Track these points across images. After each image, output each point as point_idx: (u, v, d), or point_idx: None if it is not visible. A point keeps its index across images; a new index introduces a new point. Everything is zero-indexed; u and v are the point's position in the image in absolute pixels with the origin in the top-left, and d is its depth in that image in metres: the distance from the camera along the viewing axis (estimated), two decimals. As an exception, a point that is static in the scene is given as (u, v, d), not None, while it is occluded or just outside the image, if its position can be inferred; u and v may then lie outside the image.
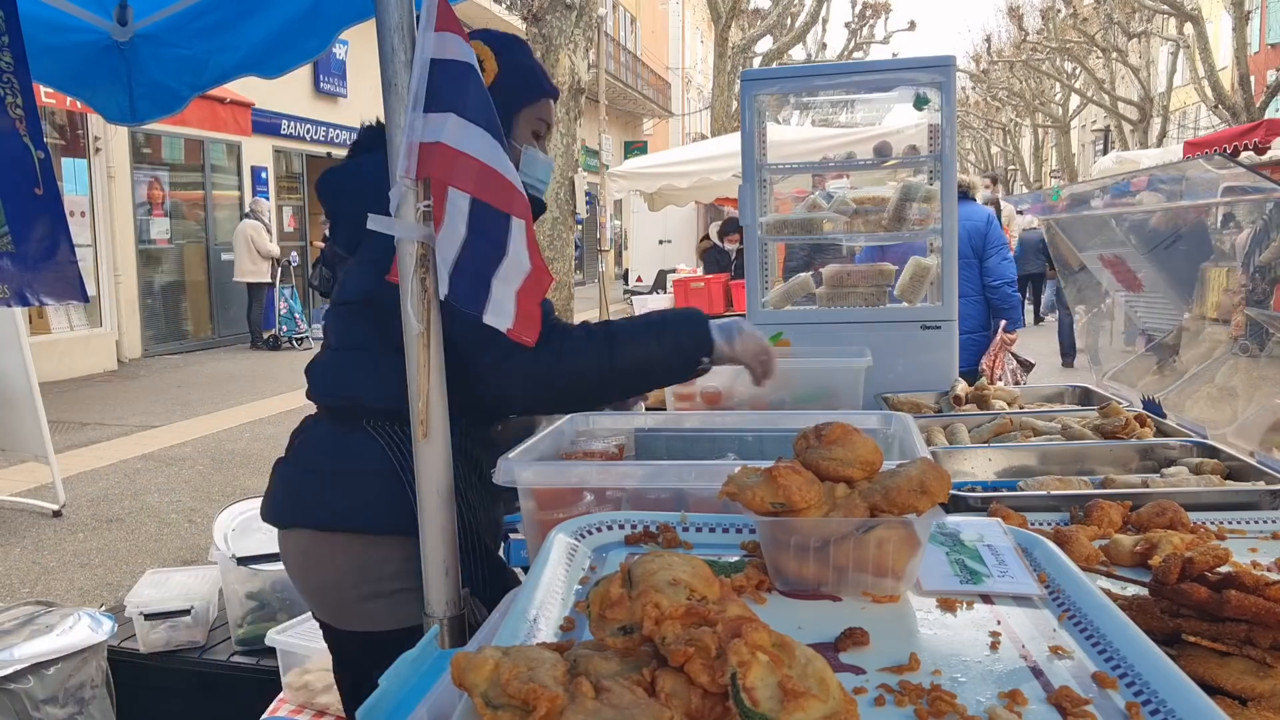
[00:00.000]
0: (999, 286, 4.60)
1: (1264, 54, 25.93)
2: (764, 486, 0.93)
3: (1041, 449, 1.81)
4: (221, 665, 2.41)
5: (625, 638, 0.72)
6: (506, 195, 1.27)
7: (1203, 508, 1.41)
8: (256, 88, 11.62)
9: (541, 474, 1.20)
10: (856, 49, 23.26)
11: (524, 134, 1.75)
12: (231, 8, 2.38)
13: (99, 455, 6.85)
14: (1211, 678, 0.83)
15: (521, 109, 1.72)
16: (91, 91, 2.62)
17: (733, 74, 17.03)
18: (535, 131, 1.77)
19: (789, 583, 0.94)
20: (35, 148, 1.91)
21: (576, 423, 1.52)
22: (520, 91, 1.71)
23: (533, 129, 1.76)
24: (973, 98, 38.28)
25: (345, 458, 1.53)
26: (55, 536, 5.12)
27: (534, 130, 1.77)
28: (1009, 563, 0.97)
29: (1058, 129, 31.14)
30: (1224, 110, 17.46)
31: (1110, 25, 24.51)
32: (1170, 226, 2.42)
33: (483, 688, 0.67)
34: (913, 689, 0.72)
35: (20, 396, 5.25)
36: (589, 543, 1.06)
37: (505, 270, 1.29)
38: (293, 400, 9.02)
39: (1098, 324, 3.04)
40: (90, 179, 10.85)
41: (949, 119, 2.87)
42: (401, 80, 1.30)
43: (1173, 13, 19.14)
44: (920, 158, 3.18)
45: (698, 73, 37.52)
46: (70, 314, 10.49)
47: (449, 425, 1.37)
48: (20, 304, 2.03)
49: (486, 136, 1.27)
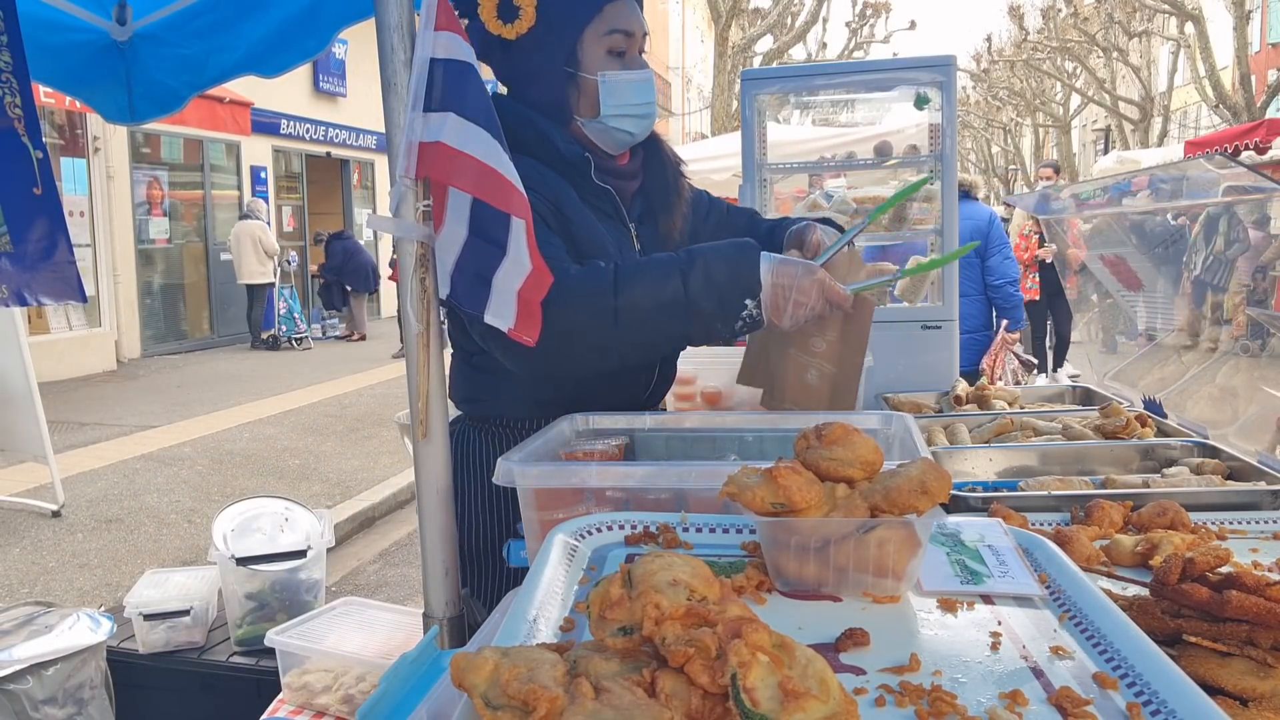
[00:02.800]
0: (1001, 286, 4.60)
1: (1265, 53, 25.93)
2: (764, 487, 0.93)
3: (1042, 449, 1.81)
4: (221, 666, 2.41)
5: (625, 638, 0.72)
6: (506, 195, 1.26)
7: (1204, 508, 1.41)
8: (256, 87, 11.64)
9: (541, 474, 1.20)
10: (857, 48, 23.24)
11: (595, 58, 1.51)
12: (230, 7, 2.38)
13: (98, 455, 6.85)
14: (1212, 678, 0.82)
15: (583, 31, 1.50)
16: (90, 91, 2.62)
17: (733, 73, 17.01)
18: (612, 49, 1.51)
19: (789, 583, 0.94)
20: (34, 147, 1.91)
21: (576, 423, 1.52)
22: (572, 10, 1.49)
23: (606, 47, 1.51)
24: (973, 97, 38.29)
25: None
26: (54, 537, 5.12)
27: (609, 48, 1.51)
28: (1010, 563, 0.97)
29: (1058, 128, 31.15)
30: (1225, 110, 17.47)
31: (1111, 24, 24.52)
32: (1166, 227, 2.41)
33: (482, 688, 0.67)
34: (913, 689, 0.72)
35: (19, 397, 5.25)
36: (589, 543, 1.06)
37: (505, 270, 1.29)
38: (292, 400, 9.02)
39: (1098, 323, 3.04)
40: (89, 179, 10.85)
41: (949, 118, 2.88)
42: (401, 80, 1.30)
43: (1173, 12, 19.14)
44: (920, 157, 3.18)
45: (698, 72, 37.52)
46: (69, 314, 10.49)
47: (448, 425, 1.37)
48: (19, 304, 2.03)
49: (486, 136, 1.27)
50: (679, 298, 1.33)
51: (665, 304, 1.33)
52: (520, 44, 1.52)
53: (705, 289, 1.32)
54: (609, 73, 1.51)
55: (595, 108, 1.54)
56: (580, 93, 1.54)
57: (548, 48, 1.52)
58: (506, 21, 1.50)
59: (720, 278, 1.32)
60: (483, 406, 1.68)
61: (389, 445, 7.08)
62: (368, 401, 9.02)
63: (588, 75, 1.51)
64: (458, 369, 1.70)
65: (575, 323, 1.34)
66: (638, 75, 1.54)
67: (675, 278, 1.33)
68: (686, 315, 1.33)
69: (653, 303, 1.34)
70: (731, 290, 1.33)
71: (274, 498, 2.62)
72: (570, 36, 1.50)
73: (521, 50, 1.54)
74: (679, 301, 1.32)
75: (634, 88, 1.53)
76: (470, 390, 1.69)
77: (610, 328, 1.34)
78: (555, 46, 1.51)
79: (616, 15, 1.50)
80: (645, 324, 1.35)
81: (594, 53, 1.50)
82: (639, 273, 1.36)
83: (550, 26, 1.49)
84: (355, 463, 6.72)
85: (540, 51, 1.53)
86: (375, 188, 17.24)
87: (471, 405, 1.71)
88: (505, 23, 1.50)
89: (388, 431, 7.46)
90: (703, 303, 1.32)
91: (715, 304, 1.33)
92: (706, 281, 1.32)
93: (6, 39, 1.85)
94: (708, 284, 1.32)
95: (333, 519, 2.74)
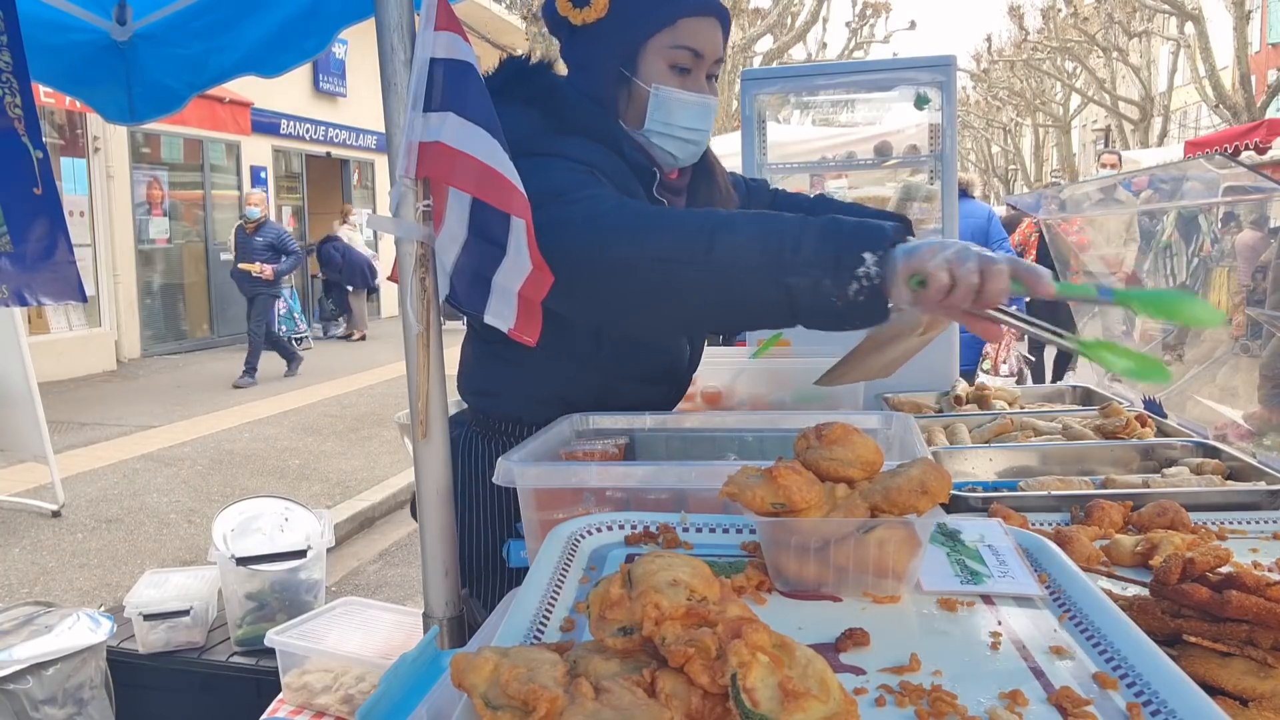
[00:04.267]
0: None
1: (1265, 53, 25.93)
2: (764, 487, 0.93)
3: (1042, 449, 1.81)
4: (220, 666, 2.41)
5: (625, 638, 0.72)
6: (506, 195, 1.26)
7: (1204, 508, 1.41)
8: (256, 87, 11.64)
9: (541, 474, 1.20)
10: (857, 48, 23.22)
11: (655, 69, 1.43)
12: (230, 7, 2.38)
13: (98, 455, 6.85)
14: (1212, 678, 0.82)
15: (650, 37, 1.42)
16: (90, 91, 2.62)
17: (733, 73, 17.01)
18: (676, 63, 1.43)
19: (789, 583, 0.94)
20: (34, 147, 1.91)
21: (576, 423, 1.52)
22: (644, 14, 1.41)
23: (670, 61, 1.43)
24: (973, 97, 38.29)
25: None
26: (54, 537, 5.12)
27: (673, 62, 1.43)
28: (1010, 563, 0.97)
29: (1058, 128, 31.14)
30: (1225, 110, 17.46)
31: (1111, 24, 24.51)
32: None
33: (482, 688, 0.67)
34: (913, 689, 0.72)
35: (19, 397, 5.24)
36: (589, 543, 1.06)
37: (505, 270, 1.29)
38: (292, 400, 9.02)
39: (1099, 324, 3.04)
40: (89, 179, 10.84)
41: (949, 118, 2.87)
42: (401, 80, 1.30)
43: (1173, 12, 19.13)
44: (920, 157, 3.18)
45: (698, 72, 37.40)
46: (69, 314, 10.49)
47: (448, 425, 1.37)
48: (19, 304, 2.03)
49: (486, 136, 1.27)
50: (785, 237, 1.11)
51: (768, 239, 1.12)
52: (585, 31, 1.47)
53: (822, 234, 1.10)
54: (665, 87, 1.43)
55: (641, 119, 1.48)
56: (630, 99, 1.48)
57: (610, 43, 1.46)
58: (577, 6, 1.45)
59: (841, 228, 1.11)
60: (496, 402, 1.62)
61: (389, 445, 7.08)
62: (368, 401, 9.01)
63: (641, 83, 1.44)
64: (475, 360, 1.66)
65: (661, 248, 1.15)
66: (694, 98, 1.45)
67: (794, 222, 1.14)
68: (791, 256, 1.10)
69: (755, 235, 1.13)
70: (853, 240, 1.09)
71: (274, 498, 2.63)
72: (635, 39, 1.43)
73: (584, 38, 1.49)
74: (785, 240, 1.11)
75: (687, 109, 1.45)
76: (485, 382, 1.64)
77: (701, 259, 1.13)
78: (617, 44, 1.45)
79: (690, 32, 1.42)
80: (739, 261, 1.13)
81: (655, 63, 1.43)
82: (745, 215, 1.19)
83: (618, 23, 1.42)
84: (355, 463, 6.71)
85: (601, 45, 1.47)
86: (375, 188, 17.24)
87: (483, 399, 1.65)
88: (575, 6, 1.45)
89: (388, 431, 7.46)
90: (812, 249, 1.09)
91: (830, 251, 1.09)
92: (825, 228, 1.11)
93: (6, 39, 1.85)
94: (826, 230, 1.11)
95: (333, 519, 2.74)
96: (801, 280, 1.09)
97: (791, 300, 1.11)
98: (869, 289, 1.07)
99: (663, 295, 1.18)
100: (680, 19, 1.41)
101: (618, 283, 1.21)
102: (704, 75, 1.47)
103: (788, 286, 1.10)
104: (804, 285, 1.09)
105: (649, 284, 1.17)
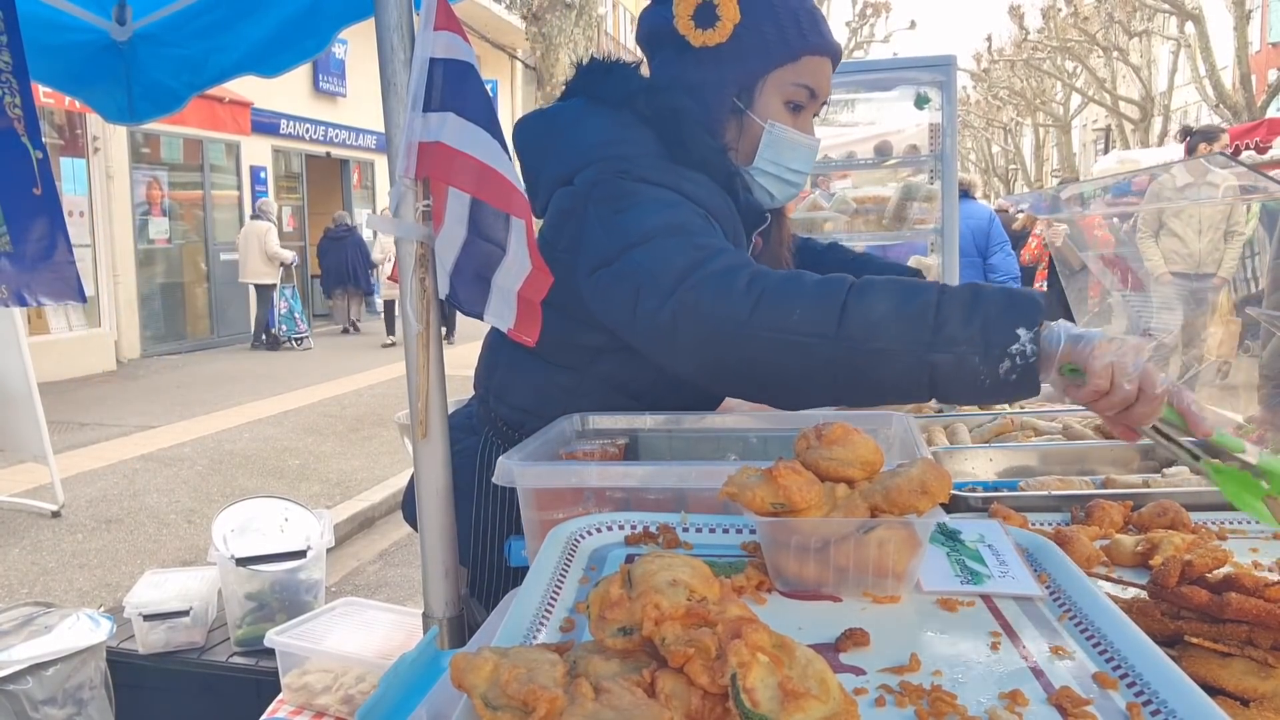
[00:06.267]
0: (1004, 282, 4.62)
1: (1265, 53, 25.94)
2: (764, 487, 0.93)
3: (1042, 449, 1.81)
4: (220, 666, 2.41)
5: (625, 638, 0.72)
6: (506, 195, 1.26)
7: (1204, 508, 1.40)
8: (255, 87, 11.65)
9: (541, 474, 1.20)
10: (857, 48, 23.25)
11: (771, 104, 1.38)
12: (230, 7, 2.38)
13: (98, 456, 6.85)
14: (1213, 678, 0.82)
15: (771, 71, 1.37)
16: (90, 91, 2.62)
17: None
18: (791, 100, 1.39)
19: (789, 583, 0.94)
20: (34, 148, 1.91)
21: (576, 423, 1.52)
22: (770, 45, 1.35)
23: (787, 97, 1.38)
24: (973, 97, 38.30)
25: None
26: (54, 537, 5.12)
27: (789, 98, 1.38)
28: (1010, 563, 0.97)
29: (1059, 128, 31.15)
30: (1225, 109, 17.45)
31: (1111, 24, 24.51)
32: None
33: (482, 689, 0.67)
34: (913, 689, 0.72)
35: (19, 397, 5.25)
36: (589, 543, 1.06)
37: (505, 270, 1.29)
38: (292, 400, 9.02)
39: (1099, 324, 3.04)
40: (89, 179, 10.85)
41: (950, 118, 2.88)
42: (401, 80, 1.30)
43: (1174, 11, 19.13)
44: (921, 157, 3.18)
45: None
46: (69, 314, 10.49)
47: (448, 425, 1.37)
48: (18, 304, 2.03)
49: (486, 136, 1.27)
50: (926, 309, 1.02)
51: (908, 315, 1.03)
52: (701, 54, 1.39)
53: (968, 306, 1.02)
54: (779, 125, 1.38)
55: (751, 155, 1.41)
56: (742, 132, 1.41)
57: (728, 70, 1.38)
58: (700, 27, 1.37)
59: (987, 298, 1.02)
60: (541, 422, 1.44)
61: (389, 445, 7.08)
62: (368, 401, 9.02)
63: (756, 118, 1.38)
64: (523, 375, 1.52)
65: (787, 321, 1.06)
66: (805, 139, 1.40)
67: (930, 291, 1.05)
68: (933, 333, 1.01)
69: (890, 309, 1.03)
70: (1003, 314, 1.00)
71: (274, 498, 2.63)
72: (756, 70, 1.37)
73: (699, 60, 1.40)
74: (926, 313, 1.02)
75: (797, 151, 1.40)
76: (536, 401, 1.49)
77: (833, 335, 1.05)
78: (736, 73, 1.37)
79: (812, 70, 1.37)
80: (876, 337, 1.03)
81: (772, 98, 1.38)
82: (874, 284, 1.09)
83: (741, 52, 1.35)
84: (355, 463, 6.72)
85: (718, 70, 1.39)
86: (375, 188, 17.25)
87: (526, 417, 1.50)
88: (698, 27, 1.37)
89: (388, 431, 7.46)
90: (958, 323, 1.01)
91: (978, 326, 1.00)
92: (968, 299, 1.02)
93: (6, 39, 1.85)
94: (971, 303, 1.02)
95: (333, 519, 2.74)
96: (946, 357, 1.02)
97: (933, 379, 1.03)
98: (1022, 368, 1.01)
99: (789, 371, 1.10)
100: (804, 55, 1.36)
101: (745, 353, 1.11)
102: (811, 115, 1.43)
103: (931, 365, 1.02)
104: (948, 362, 1.02)
105: (775, 359, 1.09)
